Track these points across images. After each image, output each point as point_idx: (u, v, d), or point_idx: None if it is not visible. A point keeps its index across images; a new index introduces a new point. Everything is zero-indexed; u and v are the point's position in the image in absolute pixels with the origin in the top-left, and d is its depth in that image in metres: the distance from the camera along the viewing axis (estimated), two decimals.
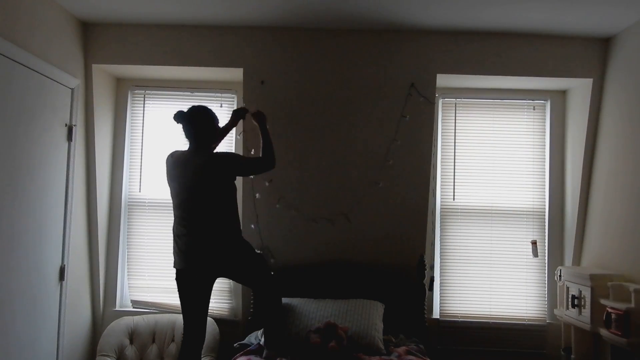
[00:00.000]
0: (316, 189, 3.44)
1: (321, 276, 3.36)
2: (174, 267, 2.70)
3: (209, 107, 2.82)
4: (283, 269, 3.39)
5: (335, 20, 3.27)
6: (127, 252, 3.73)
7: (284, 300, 3.12)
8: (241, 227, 2.82)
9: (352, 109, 3.42)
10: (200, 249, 2.63)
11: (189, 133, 2.72)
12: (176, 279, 2.69)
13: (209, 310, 3.48)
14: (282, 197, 3.43)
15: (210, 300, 3.55)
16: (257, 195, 3.38)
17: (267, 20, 3.31)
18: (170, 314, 3.51)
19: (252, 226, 3.41)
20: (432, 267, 3.61)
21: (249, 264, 2.79)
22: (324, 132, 3.43)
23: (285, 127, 3.40)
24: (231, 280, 3.56)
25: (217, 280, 3.02)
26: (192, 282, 2.66)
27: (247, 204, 3.43)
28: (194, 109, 2.75)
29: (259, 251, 3.38)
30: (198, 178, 2.62)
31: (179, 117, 2.72)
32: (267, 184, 3.38)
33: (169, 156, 2.79)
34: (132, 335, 3.38)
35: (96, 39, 3.43)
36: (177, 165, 2.69)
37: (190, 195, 2.64)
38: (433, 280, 3.54)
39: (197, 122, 2.72)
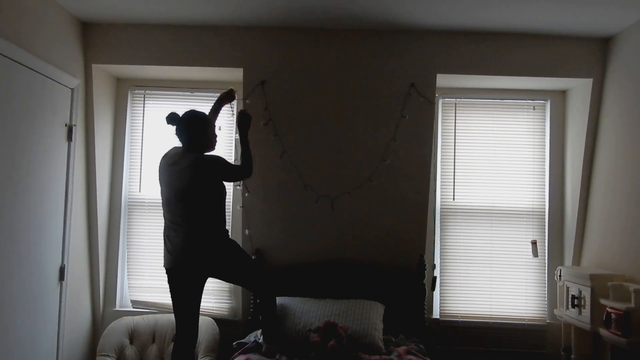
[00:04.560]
0: (313, 192, 3.44)
1: (321, 276, 3.36)
2: (164, 266, 2.72)
3: (204, 113, 2.81)
4: (283, 269, 3.40)
5: (335, 20, 3.27)
6: (127, 252, 3.73)
7: (285, 299, 3.13)
8: (227, 227, 2.82)
9: (352, 109, 3.42)
10: (188, 250, 2.65)
11: (182, 137, 2.72)
12: (167, 278, 2.72)
13: (208, 310, 3.50)
14: (279, 200, 3.44)
15: (211, 300, 3.58)
16: (247, 194, 3.40)
17: (267, 20, 3.31)
18: (170, 314, 3.49)
19: (246, 232, 3.43)
20: (434, 267, 3.61)
21: (237, 263, 2.80)
22: (324, 133, 3.43)
23: (285, 127, 3.40)
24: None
25: (217, 280, 3.03)
26: (181, 282, 2.68)
27: (246, 204, 3.44)
28: (190, 115, 2.73)
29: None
30: (185, 181, 2.62)
31: (172, 119, 2.71)
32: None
33: (162, 158, 2.80)
34: (132, 335, 3.38)
35: (96, 39, 3.43)
36: (167, 167, 2.70)
37: (178, 197, 2.64)
38: (435, 280, 3.53)
39: (191, 128, 2.70)
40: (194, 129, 2.71)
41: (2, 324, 2.61)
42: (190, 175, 2.61)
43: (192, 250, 2.65)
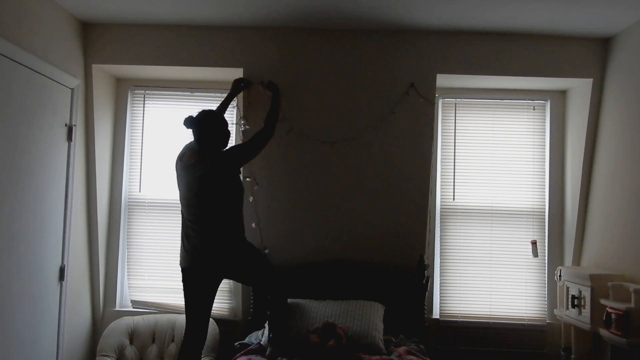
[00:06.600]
0: (311, 194, 3.44)
1: (321, 276, 3.36)
2: (180, 265, 2.73)
3: (218, 113, 2.85)
4: (283, 269, 3.39)
5: (335, 21, 3.27)
6: (127, 252, 3.73)
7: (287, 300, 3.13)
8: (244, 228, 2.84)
9: (351, 110, 3.42)
10: (206, 250, 2.67)
11: (197, 138, 2.73)
12: (182, 277, 2.73)
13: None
14: (278, 202, 3.44)
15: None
16: (256, 187, 3.38)
17: (267, 20, 3.31)
18: (170, 314, 3.51)
19: (253, 225, 3.41)
20: (426, 267, 3.58)
21: (253, 265, 2.81)
22: (324, 133, 3.42)
23: (284, 127, 3.40)
24: (231, 280, 3.56)
25: None
26: (196, 281, 2.70)
27: (246, 204, 3.44)
28: (202, 115, 2.74)
29: (266, 251, 3.41)
30: (204, 181, 2.64)
31: (191, 123, 2.72)
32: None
33: (177, 159, 2.82)
34: (132, 335, 3.38)
35: (96, 39, 3.43)
36: (185, 168, 2.72)
37: (197, 198, 2.67)
38: (428, 280, 3.52)
39: (205, 127, 2.71)
40: (212, 128, 2.72)
41: (2, 324, 2.61)
42: (212, 177, 2.64)
43: (210, 251, 2.67)
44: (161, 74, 3.65)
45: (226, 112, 3.21)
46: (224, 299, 3.65)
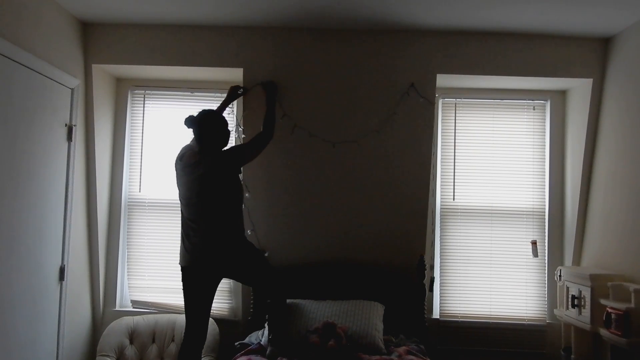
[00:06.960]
0: (311, 194, 3.45)
1: (321, 276, 3.36)
2: (179, 264, 2.73)
3: (218, 112, 2.86)
4: (283, 269, 3.39)
5: (335, 21, 3.27)
6: (127, 252, 3.73)
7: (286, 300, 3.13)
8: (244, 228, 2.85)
9: (352, 109, 3.41)
10: (206, 249, 2.67)
11: (198, 137, 2.74)
12: (182, 276, 2.74)
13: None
14: (278, 202, 3.44)
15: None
16: (247, 194, 3.37)
17: (267, 21, 3.31)
18: (170, 314, 3.51)
19: (249, 232, 3.41)
20: (432, 267, 3.61)
21: (253, 264, 2.82)
22: (324, 133, 3.42)
23: (284, 129, 3.40)
24: (231, 280, 3.57)
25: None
26: (196, 281, 2.71)
27: (247, 205, 3.44)
28: (203, 115, 2.76)
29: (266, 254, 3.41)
30: (204, 181, 2.66)
31: (190, 122, 2.74)
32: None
33: (177, 159, 2.82)
34: (132, 335, 3.38)
35: (96, 39, 3.43)
36: (185, 168, 2.73)
37: (197, 198, 2.68)
38: (433, 281, 3.54)
39: (205, 127, 2.73)
40: (213, 128, 2.74)
41: (2, 324, 2.61)
42: (212, 177, 2.65)
43: (210, 250, 2.68)
44: (161, 74, 3.65)
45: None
46: (224, 299, 3.65)
